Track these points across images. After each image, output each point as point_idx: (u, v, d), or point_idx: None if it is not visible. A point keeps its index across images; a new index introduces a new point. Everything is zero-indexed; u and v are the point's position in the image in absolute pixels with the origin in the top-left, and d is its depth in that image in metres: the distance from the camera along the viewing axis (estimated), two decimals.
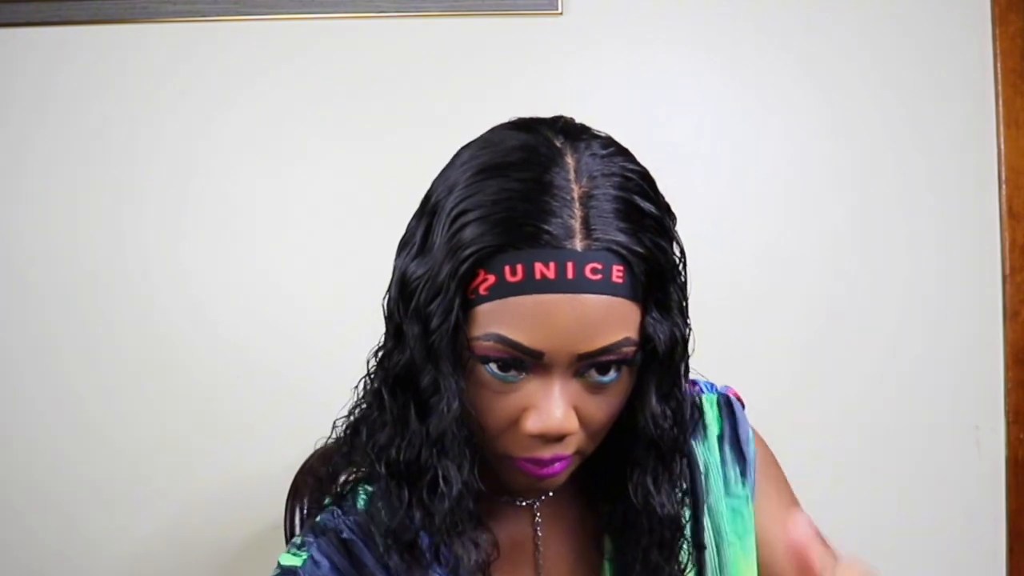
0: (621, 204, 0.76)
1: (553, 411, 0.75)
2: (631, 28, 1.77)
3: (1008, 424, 1.78)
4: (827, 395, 1.79)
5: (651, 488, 0.83)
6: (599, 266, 0.74)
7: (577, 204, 0.75)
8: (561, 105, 1.02)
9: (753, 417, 1.09)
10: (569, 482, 0.84)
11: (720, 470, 0.96)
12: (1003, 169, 1.78)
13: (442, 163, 0.85)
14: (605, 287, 0.74)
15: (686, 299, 0.83)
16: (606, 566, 0.89)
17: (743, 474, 0.96)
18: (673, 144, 1.77)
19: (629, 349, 0.76)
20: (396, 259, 0.83)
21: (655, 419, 0.80)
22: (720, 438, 0.97)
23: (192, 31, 1.74)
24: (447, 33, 1.74)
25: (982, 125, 1.78)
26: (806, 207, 1.80)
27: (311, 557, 0.87)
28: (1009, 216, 1.78)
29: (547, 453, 0.78)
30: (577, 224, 0.74)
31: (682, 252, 0.82)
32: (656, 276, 0.77)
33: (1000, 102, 1.77)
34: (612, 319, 0.75)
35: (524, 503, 0.89)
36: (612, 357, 0.76)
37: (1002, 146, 1.78)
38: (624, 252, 0.75)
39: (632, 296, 0.76)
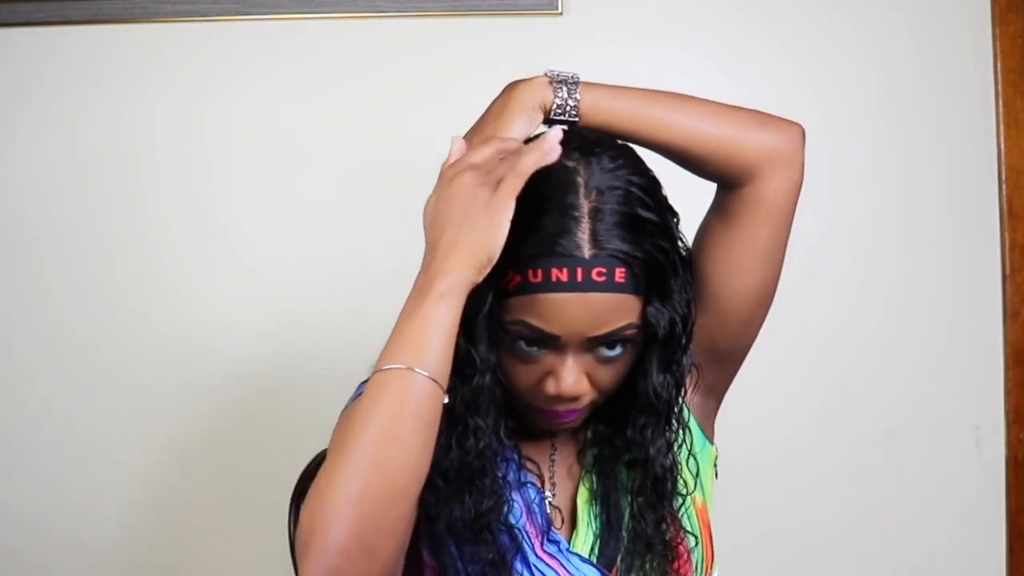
0: (624, 217, 0.93)
1: (567, 378, 0.95)
2: (631, 28, 1.77)
3: (1008, 424, 1.79)
4: (826, 395, 1.79)
5: (652, 445, 1.01)
6: (603, 270, 0.92)
7: (586, 219, 0.93)
8: None
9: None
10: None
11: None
12: (1003, 169, 1.78)
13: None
14: (609, 286, 0.92)
15: (691, 284, 1.00)
16: (588, 480, 1.08)
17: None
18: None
19: (631, 332, 0.95)
20: None
21: (655, 388, 0.98)
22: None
23: (192, 31, 1.73)
24: (447, 33, 1.74)
25: (982, 125, 1.78)
26: (805, 207, 1.79)
27: None
28: (1009, 216, 1.78)
29: (562, 408, 0.98)
30: (586, 236, 0.92)
31: (686, 248, 1.00)
32: (656, 273, 0.94)
33: (1000, 102, 1.77)
34: (616, 311, 0.93)
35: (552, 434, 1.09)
36: (617, 338, 0.94)
37: (1002, 146, 1.78)
38: (626, 257, 0.93)
39: (634, 291, 0.93)
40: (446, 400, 0.89)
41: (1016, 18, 1.78)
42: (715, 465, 1.15)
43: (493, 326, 0.96)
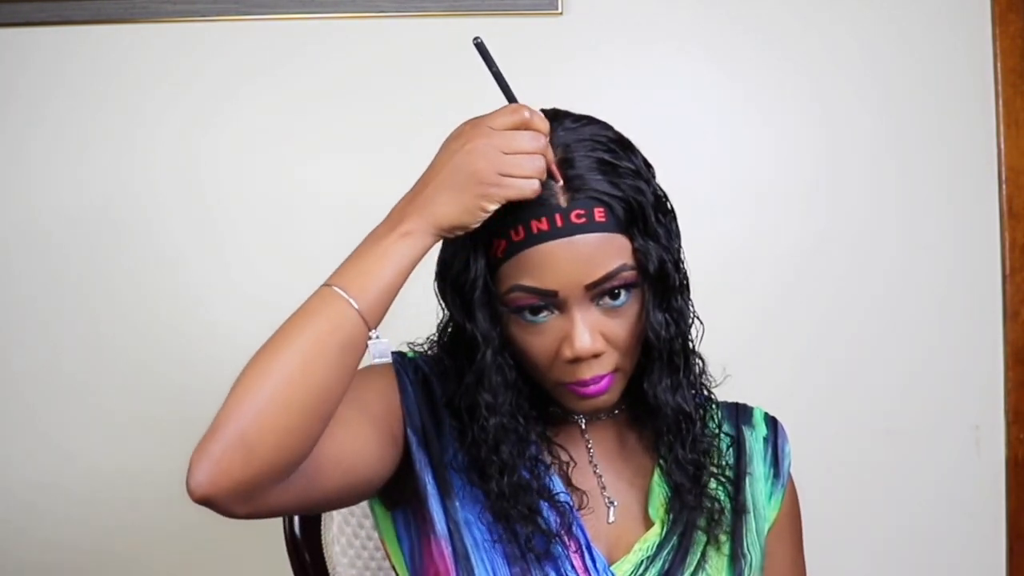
0: (595, 161, 0.95)
1: (580, 336, 0.94)
2: (631, 28, 1.77)
3: (1008, 424, 1.79)
4: (826, 395, 1.79)
5: (658, 386, 1.01)
6: (582, 212, 0.93)
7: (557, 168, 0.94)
8: (561, 105, 1.02)
9: None
10: (609, 410, 1.06)
11: (762, 460, 1.13)
12: (1003, 169, 1.78)
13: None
14: (591, 227, 0.93)
15: (676, 234, 1.01)
16: (656, 472, 1.08)
17: (772, 490, 1.13)
18: (673, 144, 1.77)
19: (628, 274, 0.95)
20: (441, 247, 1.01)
21: (655, 327, 0.98)
22: (766, 439, 1.15)
23: (192, 31, 1.74)
24: (447, 33, 1.74)
25: (982, 125, 1.78)
26: (805, 208, 1.80)
27: (421, 358, 1.08)
28: (1009, 216, 1.78)
29: (588, 374, 0.96)
30: (559, 184, 0.93)
31: (665, 196, 1.01)
32: (637, 211, 0.95)
33: (1000, 102, 1.77)
34: (604, 251, 0.94)
35: (580, 421, 1.08)
36: (616, 283, 0.94)
37: (1002, 146, 1.78)
38: (602, 196, 0.94)
39: (617, 229, 0.94)
40: (375, 335, 0.89)
41: (1016, 18, 1.78)
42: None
43: (492, 303, 0.96)
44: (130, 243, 1.75)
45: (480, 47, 0.95)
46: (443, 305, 1.03)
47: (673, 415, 1.02)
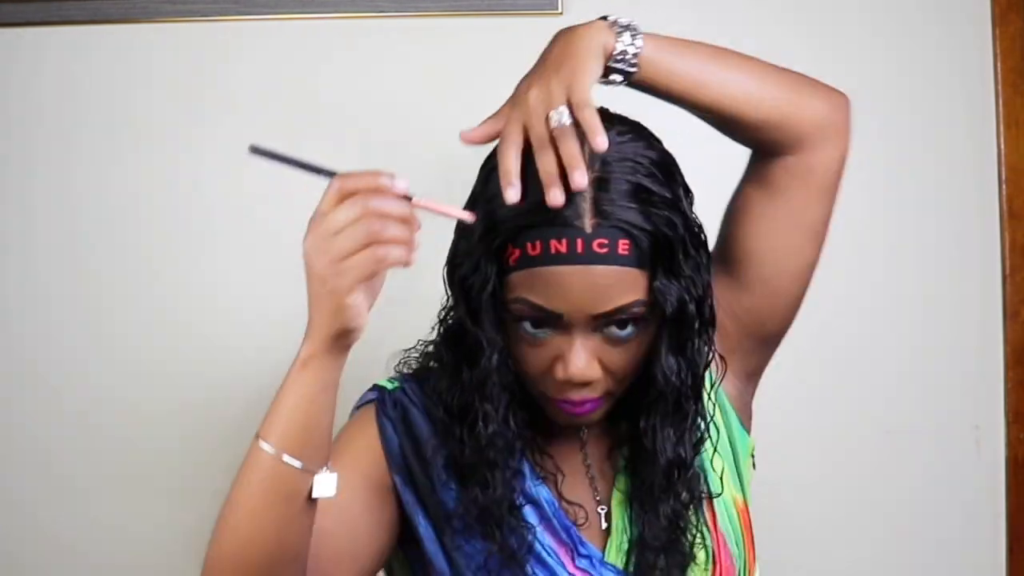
0: (630, 187, 0.89)
1: (576, 361, 0.90)
2: None
3: (1008, 424, 1.79)
4: (826, 395, 1.79)
5: (659, 433, 0.96)
6: (605, 241, 0.87)
7: (589, 188, 0.88)
8: None
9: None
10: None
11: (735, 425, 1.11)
12: (1003, 169, 1.78)
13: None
14: (612, 259, 0.88)
15: (707, 268, 0.95)
16: (621, 482, 1.05)
17: (742, 431, 1.11)
18: (672, 144, 1.76)
19: (639, 309, 0.90)
20: (454, 235, 0.98)
21: (666, 372, 0.93)
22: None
23: (192, 31, 1.73)
24: (447, 33, 1.74)
25: (982, 125, 1.78)
26: None
27: (403, 388, 1.05)
28: (1009, 216, 1.78)
29: (576, 396, 0.93)
30: (588, 206, 0.88)
31: (701, 229, 0.96)
32: (664, 247, 0.90)
33: (1000, 102, 1.77)
34: (620, 285, 0.89)
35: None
36: (625, 316, 0.90)
37: (1002, 146, 1.78)
38: (630, 228, 0.88)
39: (638, 265, 0.89)
40: (326, 469, 0.86)
41: (1016, 18, 1.78)
42: (752, 456, 1.11)
43: (498, 306, 0.92)
44: (127, 244, 1.75)
45: (257, 151, 0.90)
46: (449, 294, 0.99)
47: (667, 465, 0.97)
